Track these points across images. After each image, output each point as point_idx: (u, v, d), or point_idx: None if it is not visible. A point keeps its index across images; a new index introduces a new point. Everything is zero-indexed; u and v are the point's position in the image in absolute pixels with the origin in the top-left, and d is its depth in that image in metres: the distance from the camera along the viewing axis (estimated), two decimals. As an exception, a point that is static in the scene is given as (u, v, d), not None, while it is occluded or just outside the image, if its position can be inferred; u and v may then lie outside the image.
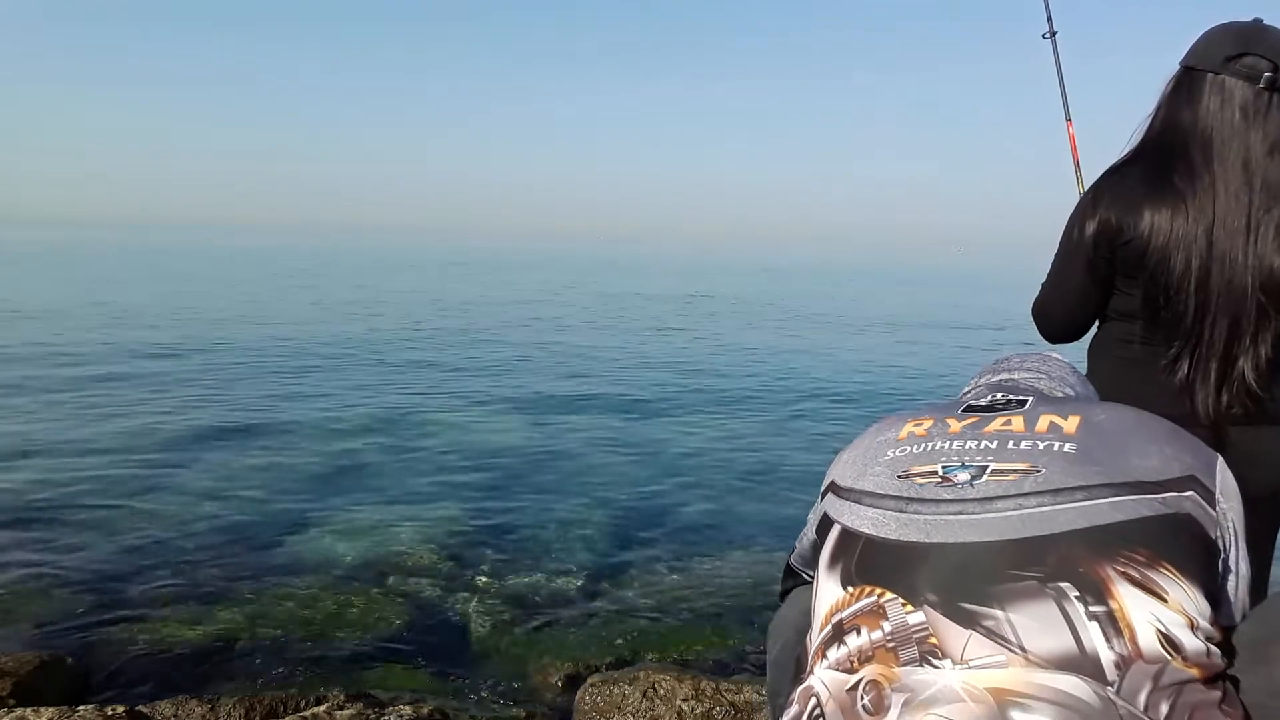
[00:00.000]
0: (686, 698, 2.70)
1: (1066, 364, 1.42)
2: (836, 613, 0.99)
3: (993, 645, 0.86)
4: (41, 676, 2.75)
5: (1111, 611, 0.87)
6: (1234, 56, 1.51)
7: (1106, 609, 0.87)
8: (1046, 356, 1.43)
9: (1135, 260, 1.57)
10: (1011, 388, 1.27)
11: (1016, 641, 0.86)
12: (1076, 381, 1.38)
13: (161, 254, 49.64)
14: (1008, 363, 1.41)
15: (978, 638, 0.87)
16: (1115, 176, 1.63)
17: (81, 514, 4.76)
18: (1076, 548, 0.91)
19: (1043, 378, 1.34)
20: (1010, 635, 0.86)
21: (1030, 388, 1.28)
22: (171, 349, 11.25)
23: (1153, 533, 0.93)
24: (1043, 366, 1.37)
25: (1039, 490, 0.97)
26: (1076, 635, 0.85)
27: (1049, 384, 1.32)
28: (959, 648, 0.87)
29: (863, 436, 1.21)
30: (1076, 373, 1.42)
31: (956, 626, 0.89)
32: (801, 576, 1.38)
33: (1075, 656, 0.84)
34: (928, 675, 0.87)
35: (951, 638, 0.88)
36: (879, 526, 1.02)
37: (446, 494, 5.42)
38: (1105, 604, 0.87)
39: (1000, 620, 0.87)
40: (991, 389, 1.28)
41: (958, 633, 0.88)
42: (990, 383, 1.34)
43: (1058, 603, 0.87)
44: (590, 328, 16.26)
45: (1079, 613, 0.87)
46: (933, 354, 13.75)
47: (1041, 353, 1.46)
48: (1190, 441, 1.07)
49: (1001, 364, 1.41)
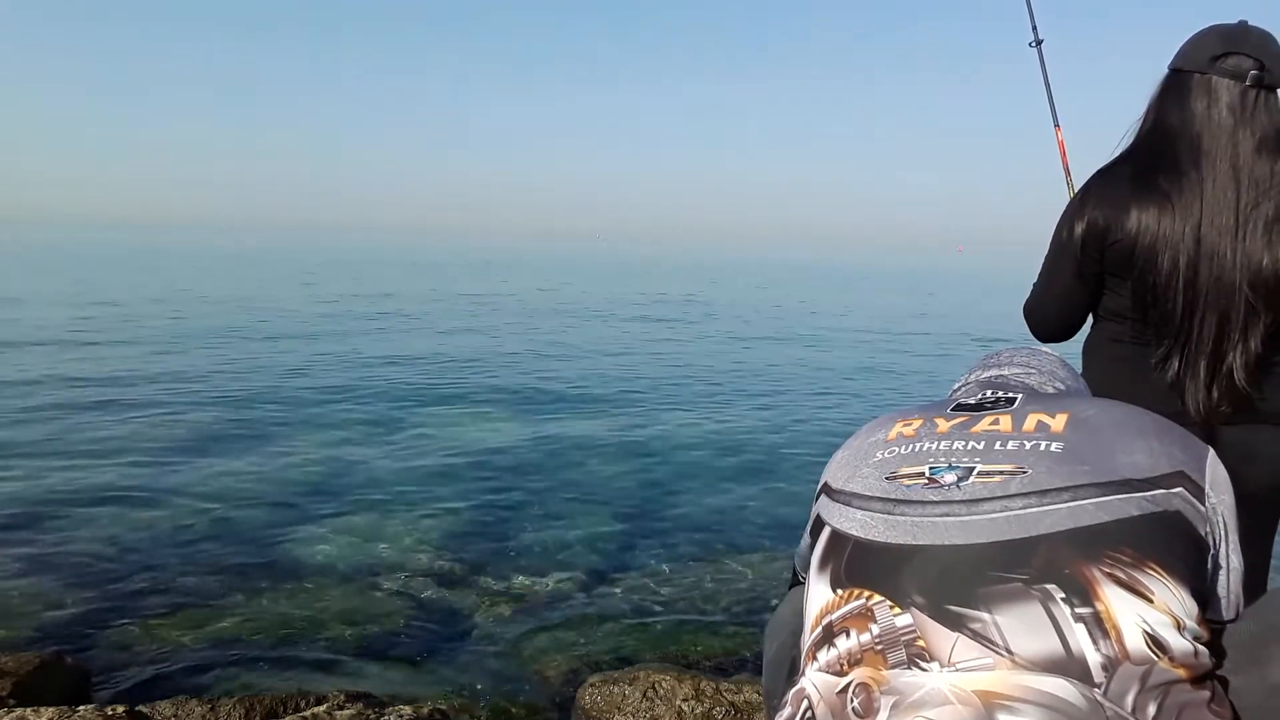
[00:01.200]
0: (686, 698, 2.69)
1: (1056, 358, 1.43)
2: (826, 615, 0.99)
3: (980, 648, 0.87)
4: (41, 676, 2.75)
5: (1098, 613, 0.87)
6: (1220, 56, 1.53)
7: (1093, 610, 0.87)
8: (1036, 351, 1.44)
9: (1124, 260, 1.58)
10: (1001, 384, 1.27)
11: (1003, 644, 0.86)
12: (1067, 375, 1.38)
13: (161, 254, 49.70)
14: (998, 358, 1.41)
15: (965, 640, 0.88)
16: (1104, 178, 1.64)
17: (81, 514, 4.77)
18: (1062, 549, 0.91)
19: (1033, 373, 1.34)
20: (997, 638, 0.87)
21: (1020, 384, 1.28)
22: (171, 348, 11.27)
23: (1139, 532, 0.93)
24: (1033, 361, 1.38)
25: (1025, 491, 0.97)
26: (1063, 637, 0.86)
27: (1039, 379, 1.32)
28: (946, 650, 0.88)
29: (855, 436, 1.22)
30: (1067, 366, 1.42)
31: (944, 629, 0.89)
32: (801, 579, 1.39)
33: (1062, 659, 0.85)
34: (916, 678, 0.88)
35: (939, 640, 0.89)
36: (867, 529, 1.03)
37: (446, 494, 5.42)
38: (1091, 605, 0.87)
39: (987, 623, 0.88)
40: (981, 386, 1.28)
41: (945, 635, 0.89)
42: (980, 379, 1.34)
43: (1044, 604, 0.88)
44: (590, 328, 16.26)
45: (1065, 615, 0.87)
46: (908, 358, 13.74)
47: (1031, 347, 1.47)
48: (1180, 436, 1.07)
49: (991, 360, 1.42)
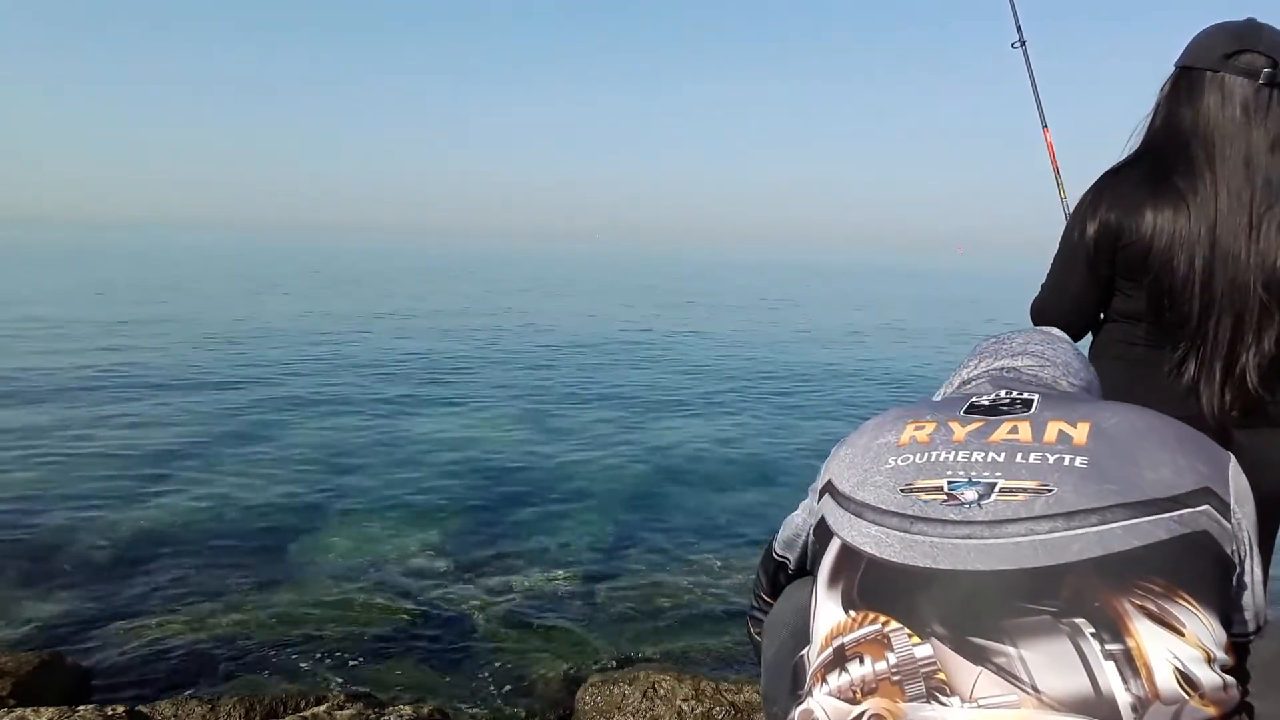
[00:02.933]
0: (686, 698, 2.69)
1: (1069, 344, 1.37)
2: (838, 636, 0.94)
3: (1004, 684, 0.83)
4: (41, 676, 2.75)
5: (1128, 650, 0.83)
6: (1232, 54, 1.50)
7: (1123, 647, 0.83)
8: (1049, 336, 1.37)
9: (1138, 261, 1.55)
10: (1015, 380, 1.22)
11: (1029, 681, 0.83)
12: (1081, 367, 1.32)
13: (163, 254, 49.65)
14: (1009, 344, 1.33)
15: (988, 675, 0.84)
16: (1115, 177, 1.61)
17: (81, 514, 4.76)
18: (1091, 579, 0.87)
19: (1047, 364, 1.27)
20: (1022, 674, 0.83)
21: (1035, 379, 1.23)
22: (171, 348, 11.27)
23: (1169, 557, 0.89)
24: (1046, 351, 1.31)
25: (1050, 514, 0.93)
26: (1092, 675, 0.82)
27: (1054, 373, 1.26)
28: (968, 685, 0.84)
29: (860, 434, 1.16)
30: (1080, 355, 1.36)
31: (966, 662, 0.85)
32: (785, 564, 1.34)
33: (1091, 699, 0.81)
34: (935, 713, 0.84)
35: (960, 674, 0.85)
36: (882, 546, 0.97)
37: (446, 494, 5.42)
38: (1122, 642, 0.84)
39: (1012, 657, 0.84)
40: (994, 383, 1.22)
41: (967, 669, 0.85)
42: (992, 373, 1.27)
43: (1072, 640, 0.84)
44: (591, 327, 16.26)
45: (1094, 651, 0.83)
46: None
47: (1043, 330, 1.41)
48: (1202, 444, 1.04)
49: (1002, 347, 1.33)
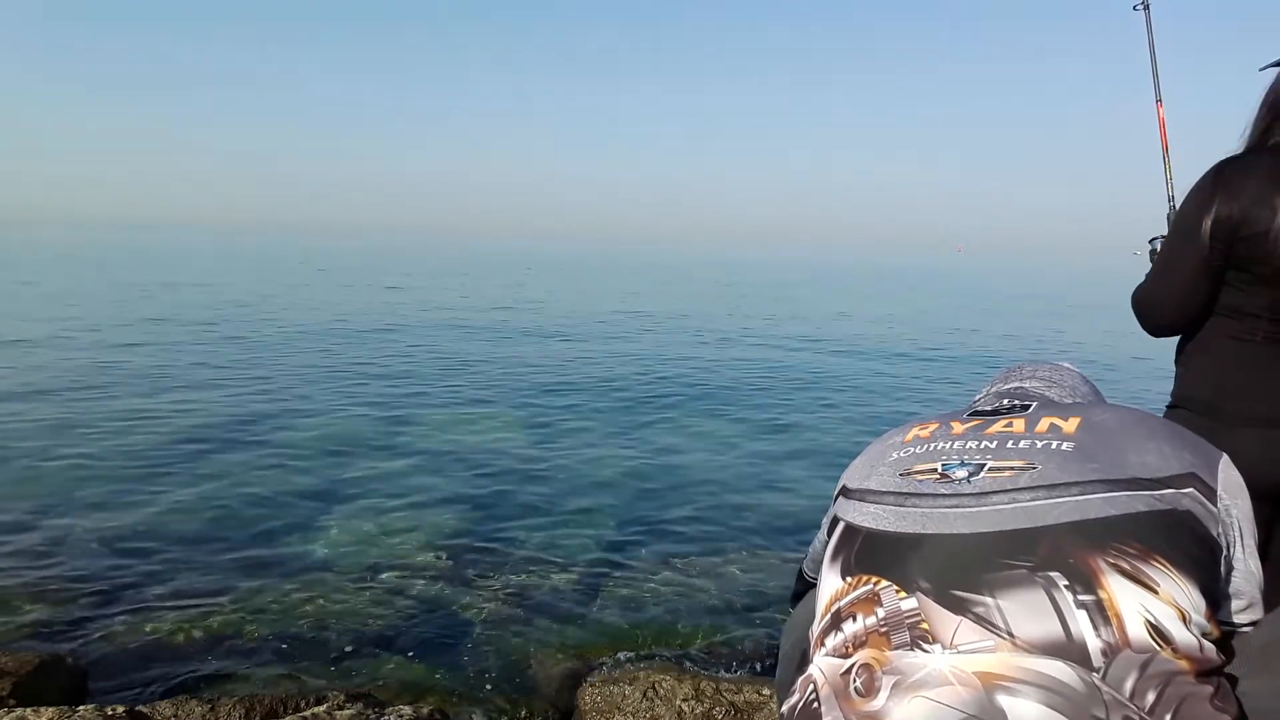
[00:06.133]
0: (686, 698, 2.69)
1: (1078, 374, 1.44)
2: (835, 602, 1.02)
3: (982, 631, 0.89)
4: (41, 676, 2.75)
5: (1100, 600, 0.88)
6: None
7: (1095, 598, 0.88)
8: (1058, 366, 1.44)
9: (1259, 255, 1.51)
10: (1020, 394, 1.30)
11: (1005, 627, 0.88)
12: (1088, 392, 1.38)
13: (162, 254, 49.68)
14: (1019, 371, 1.43)
15: (968, 623, 0.90)
16: (1237, 166, 1.56)
17: (82, 514, 4.77)
18: (1067, 539, 0.93)
19: (1054, 386, 1.35)
20: (999, 621, 0.89)
21: (1039, 395, 1.30)
22: (170, 349, 11.28)
23: (1146, 527, 0.94)
24: (1054, 375, 1.39)
25: (1033, 485, 0.99)
26: (1064, 622, 0.87)
27: (1059, 393, 1.33)
28: (949, 633, 0.90)
29: (873, 444, 1.26)
30: (1088, 382, 1.42)
31: (947, 612, 0.91)
32: (814, 585, 1.40)
33: (1062, 642, 0.86)
34: (917, 659, 0.90)
35: (942, 623, 0.91)
36: (878, 520, 1.06)
37: (446, 494, 5.43)
38: (1094, 593, 0.89)
39: (990, 607, 0.90)
40: (999, 396, 1.31)
41: (948, 618, 0.91)
42: (1000, 390, 1.36)
43: (1047, 591, 0.89)
44: (591, 326, 16.27)
45: (1067, 601, 0.88)
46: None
47: (1053, 363, 1.47)
48: (1192, 440, 1.08)
49: (1013, 373, 1.44)
